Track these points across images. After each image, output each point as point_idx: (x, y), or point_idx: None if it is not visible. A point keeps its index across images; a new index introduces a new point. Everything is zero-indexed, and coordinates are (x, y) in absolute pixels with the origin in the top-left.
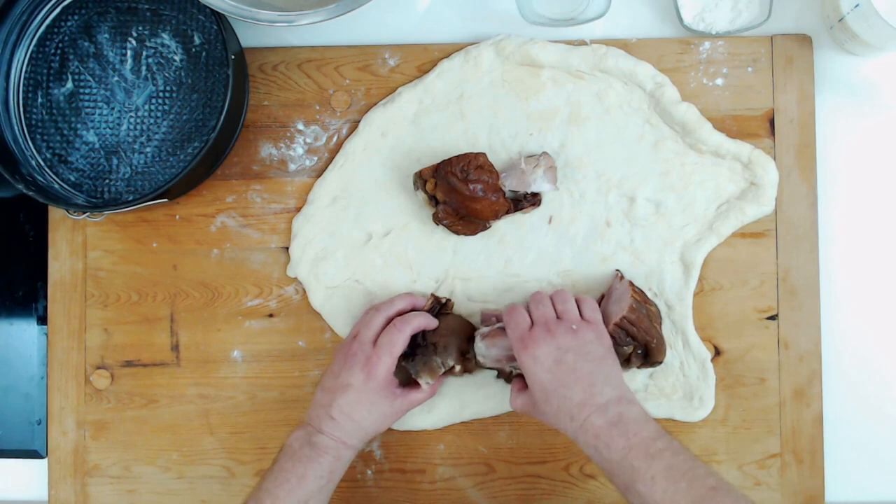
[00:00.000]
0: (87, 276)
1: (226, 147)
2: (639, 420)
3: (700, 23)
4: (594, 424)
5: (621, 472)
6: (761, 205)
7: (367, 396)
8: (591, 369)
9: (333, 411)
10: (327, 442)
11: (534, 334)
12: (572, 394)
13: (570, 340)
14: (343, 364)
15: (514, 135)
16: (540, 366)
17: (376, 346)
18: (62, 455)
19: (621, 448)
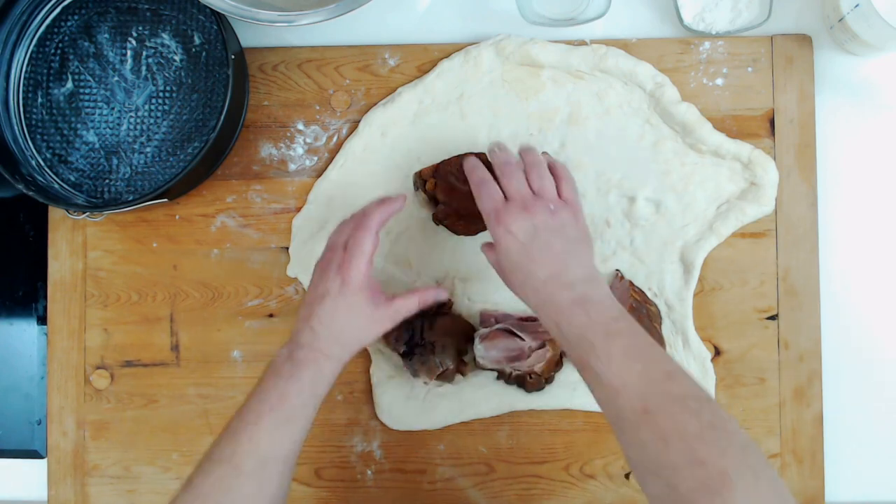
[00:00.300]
0: (87, 276)
1: (226, 147)
2: (603, 300)
3: (700, 23)
4: (557, 300)
5: (578, 348)
6: (761, 205)
7: (345, 301)
8: (565, 248)
9: (313, 322)
10: (308, 355)
11: (510, 209)
12: (540, 269)
13: (547, 219)
14: (319, 275)
15: (514, 135)
16: (512, 239)
17: (347, 250)
18: (62, 455)
19: (581, 324)
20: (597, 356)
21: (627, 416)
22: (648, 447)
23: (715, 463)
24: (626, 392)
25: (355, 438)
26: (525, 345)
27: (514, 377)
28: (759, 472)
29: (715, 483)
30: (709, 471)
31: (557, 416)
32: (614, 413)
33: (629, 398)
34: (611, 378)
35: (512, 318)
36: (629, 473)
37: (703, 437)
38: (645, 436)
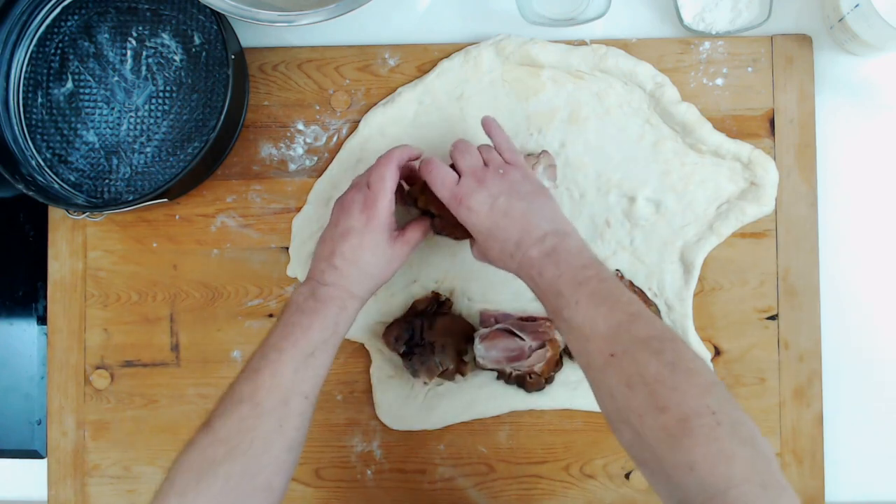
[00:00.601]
0: (87, 276)
1: (226, 147)
2: (572, 251)
3: (700, 23)
4: (530, 256)
5: (551, 299)
6: (761, 205)
7: (370, 237)
8: (525, 207)
9: (336, 260)
10: (332, 292)
11: (463, 187)
12: (509, 234)
13: (499, 184)
14: (341, 212)
15: (514, 135)
16: (476, 215)
17: (370, 186)
18: (62, 455)
19: (552, 276)
20: (567, 305)
21: (596, 362)
22: (615, 393)
23: (676, 408)
24: (595, 337)
25: (355, 438)
26: (525, 345)
27: (514, 377)
28: (721, 415)
29: (676, 429)
30: (669, 416)
31: (557, 416)
32: (585, 360)
33: (597, 343)
34: (580, 324)
35: (512, 318)
36: (629, 473)
37: (665, 381)
38: (611, 381)
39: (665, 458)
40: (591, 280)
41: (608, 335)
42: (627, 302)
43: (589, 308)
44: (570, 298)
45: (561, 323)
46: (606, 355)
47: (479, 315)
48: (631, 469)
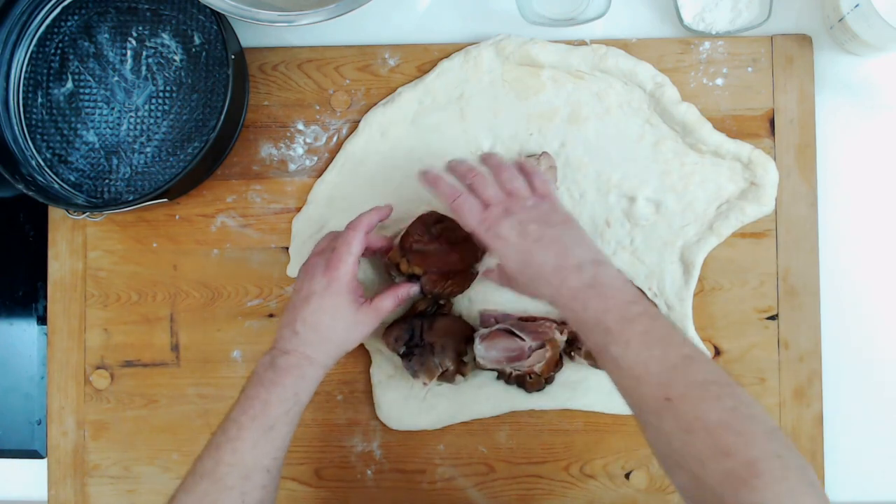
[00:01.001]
0: (87, 276)
1: (226, 147)
2: (615, 282)
3: (700, 23)
4: (570, 286)
5: (596, 334)
6: (761, 205)
7: (330, 301)
8: (558, 234)
9: (297, 325)
10: (290, 360)
11: (491, 214)
12: (545, 260)
13: (529, 214)
14: (304, 277)
15: (514, 135)
16: (505, 242)
17: (334, 250)
18: (62, 455)
19: (597, 309)
20: (615, 342)
21: (649, 405)
22: (672, 438)
23: (741, 452)
24: (647, 380)
25: (355, 438)
26: (525, 345)
27: (514, 377)
28: (788, 460)
29: (742, 473)
30: (735, 461)
31: (557, 416)
32: (636, 401)
33: (650, 385)
34: (630, 365)
35: (512, 318)
36: (629, 473)
37: (727, 426)
38: (668, 426)
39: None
40: (641, 318)
41: (663, 379)
42: (680, 343)
43: (641, 349)
44: (619, 336)
45: (607, 360)
46: (661, 399)
47: (479, 315)
48: (631, 469)
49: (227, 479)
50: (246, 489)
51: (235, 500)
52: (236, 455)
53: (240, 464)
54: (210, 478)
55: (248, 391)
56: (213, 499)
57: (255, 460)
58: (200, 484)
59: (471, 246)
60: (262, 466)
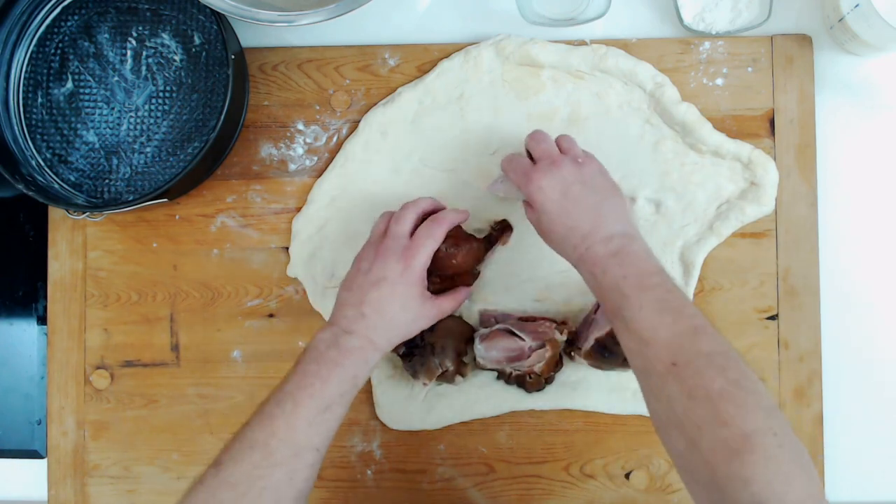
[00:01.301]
0: (87, 276)
1: (226, 147)
2: (639, 254)
3: (700, 23)
4: (595, 253)
5: (612, 298)
6: (761, 205)
7: (403, 290)
8: (597, 202)
9: (365, 308)
10: (355, 342)
11: (538, 167)
12: (578, 224)
13: (575, 172)
14: (375, 259)
15: (514, 135)
16: (545, 196)
17: (415, 238)
18: (62, 455)
19: (616, 275)
20: (629, 306)
21: (655, 368)
22: (674, 402)
23: (738, 424)
24: (656, 344)
25: (355, 438)
26: (525, 345)
27: (514, 377)
28: (783, 438)
29: (737, 444)
30: (731, 431)
31: (557, 416)
32: (641, 364)
33: (658, 350)
34: (641, 329)
35: (512, 318)
36: (629, 473)
37: (728, 396)
38: (671, 390)
39: (719, 470)
40: (656, 287)
41: (671, 344)
42: (692, 314)
43: (652, 314)
44: (633, 301)
45: (619, 322)
46: (668, 363)
47: (479, 315)
48: (631, 469)
49: (277, 454)
50: (296, 467)
51: (283, 476)
52: (290, 431)
53: (292, 440)
54: (261, 451)
55: (306, 366)
56: (261, 473)
57: (307, 439)
58: (251, 455)
59: (473, 249)
60: (312, 445)
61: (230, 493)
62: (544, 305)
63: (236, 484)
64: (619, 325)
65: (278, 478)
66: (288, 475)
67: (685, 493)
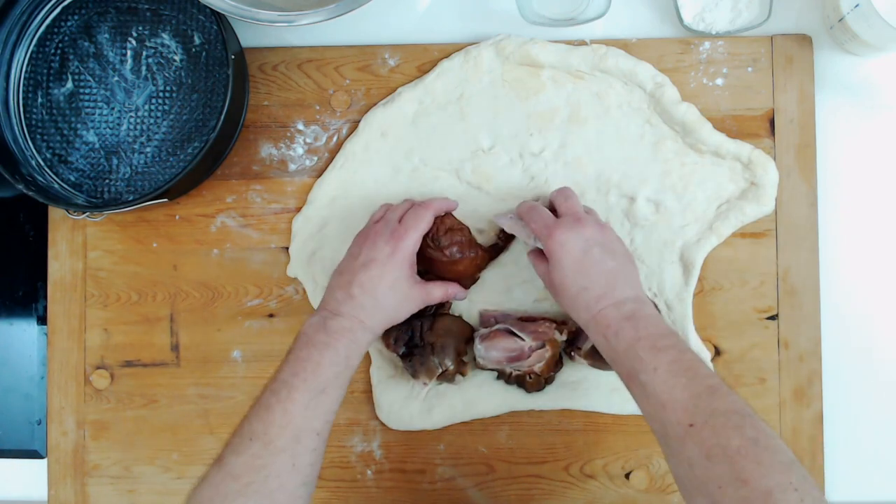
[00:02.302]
0: (87, 276)
1: (226, 147)
2: (651, 318)
3: (700, 23)
4: (608, 316)
5: (626, 361)
6: (761, 205)
7: (391, 271)
8: (614, 267)
9: (353, 289)
10: (343, 323)
11: (562, 223)
12: (593, 286)
13: (597, 233)
14: (364, 243)
15: (514, 135)
16: (566, 253)
17: (403, 221)
18: (62, 455)
19: (630, 338)
20: (644, 370)
21: (673, 431)
22: (694, 463)
23: (758, 481)
24: (672, 406)
25: (355, 438)
26: (525, 345)
27: (514, 377)
28: (804, 491)
29: (758, 502)
30: (752, 490)
31: (557, 416)
32: (660, 427)
33: (675, 412)
34: (657, 391)
35: (512, 318)
36: (629, 473)
37: (747, 454)
38: (690, 451)
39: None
40: (670, 349)
41: (687, 405)
42: (706, 374)
43: (668, 376)
44: (648, 363)
45: (635, 386)
46: (685, 425)
47: (479, 315)
48: (631, 469)
49: (277, 441)
50: (297, 452)
51: (286, 462)
52: (287, 417)
53: (290, 426)
54: (261, 440)
55: (297, 352)
56: (263, 462)
57: (305, 423)
58: (251, 446)
59: (478, 258)
60: (312, 429)
61: (234, 484)
62: (544, 305)
63: (240, 475)
64: (636, 390)
65: (281, 465)
66: (290, 461)
67: None
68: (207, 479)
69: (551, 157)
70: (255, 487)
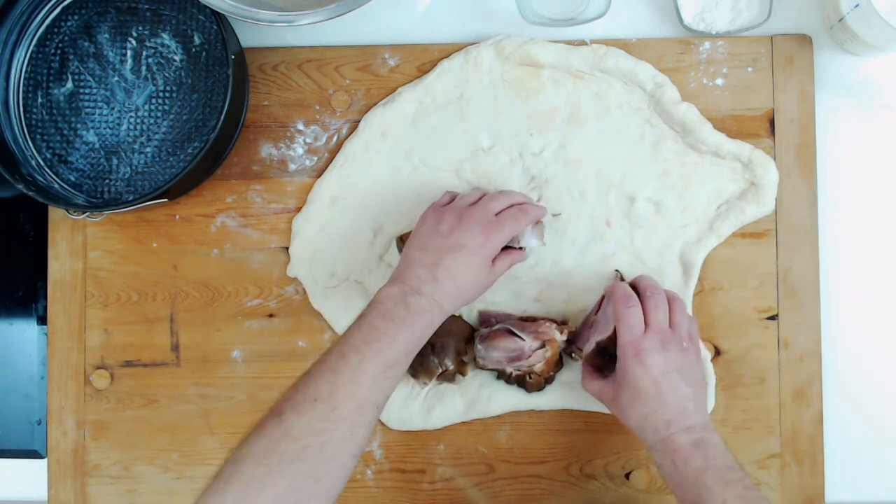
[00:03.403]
0: (87, 276)
1: (226, 147)
2: (719, 448)
3: (700, 23)
4: (677, 442)
5: (693, 489)
6: (761, 205)
7: (478, 260)
8: (688, 393)
9: (439, 272)
10: (425, 304)
11: (648, 343)
12: (665, 410)
13: (679, 358)
14: (457, 224)
15: (514, 135)
16: (646, 372)
17: (501, 216)
18: (62, 455)
19: (698, 467)
20: (712, 500)
21: None
22: None
23: None
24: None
25: None
26: (525, 345)
27: (514, 377)
28: None
29: None
30: None
31: (557, 416)
32: None
33: None
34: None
35: (512, 318)
36: (629, 473)
37: None
38: None
39: None
40: (737, 483)
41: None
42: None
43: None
44: (716, 495)
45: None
46: None
47: (479, 315)
48: (631, 469)
49: (342, 408)
50: (357, 422)
51: (345, 431)
52: (355, 385)
53: (357, 395)
54: (325, 404)
55: (372, 321)
56: (325, 426)
57: (371, 395)
58: (315, 407)
59: None
60: (374, 402)
61: (293, 445)
62: (544, 305)
63: (298, 437)
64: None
65: (341, 432)
66: (350, 430)
67: None
68: (264, 431)
69: (551, 157)
70: (312, 452)
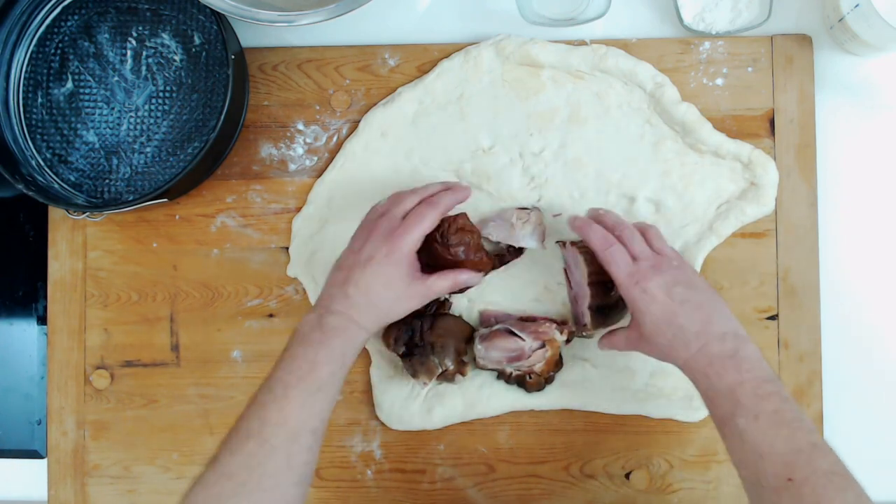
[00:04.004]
0: (87, 276)
1: (226, 147)
2: (753, 359)
3: (700, 23)
4: (710, 352)
5: (724, 403)
6: (761, 205)
7: (387, 270)
8: (704, 300)
9: (349, 288)
10: (338, 322)
11: (641, 269)
12: (689, 323)
13: (677, 274)
14: (366, 238)
15: (514, 135)
16: (651, 298)
17: (405, 219)
18: (62, 455)
19: (731, 380)
20: (744, 414)
21: (769, 482)
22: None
23: None
24: (771, 457)
25: (355, 438)
26: (525, 345)
27: (514, 377)
28: None
29: None
30: None
31: (557, 416)
32: (753, 475)
33: (773, 464)
34: (756, 440)
35: (512, 318)
36: (629, 473)
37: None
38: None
39: None
40: (773, 397)
41: (787, 459)
42: (809, 430)
43: (769, 427)
44: (748, 410)
45: (731, 430)
46: (783, 479)
47: (479, 315)
48: (631, 469)
49: (273, 439)
50: (292, 451)
51: (281, 461)
52: (282, 415)
53: (286, 424)
54: (256, 438)
55: (292, 350)
56: (258, 460)
57: (301, 422)
58: (246, 444)
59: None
60: (308, 428)
61: (229, 483)
62: (544, 305)
63: (234, 474)
64: (730, 432)
65: (276, 463)
66: (286, 460)
67: (685, 492)
68: (202, 479)
69: (551, 157)
70: (250, 487)
